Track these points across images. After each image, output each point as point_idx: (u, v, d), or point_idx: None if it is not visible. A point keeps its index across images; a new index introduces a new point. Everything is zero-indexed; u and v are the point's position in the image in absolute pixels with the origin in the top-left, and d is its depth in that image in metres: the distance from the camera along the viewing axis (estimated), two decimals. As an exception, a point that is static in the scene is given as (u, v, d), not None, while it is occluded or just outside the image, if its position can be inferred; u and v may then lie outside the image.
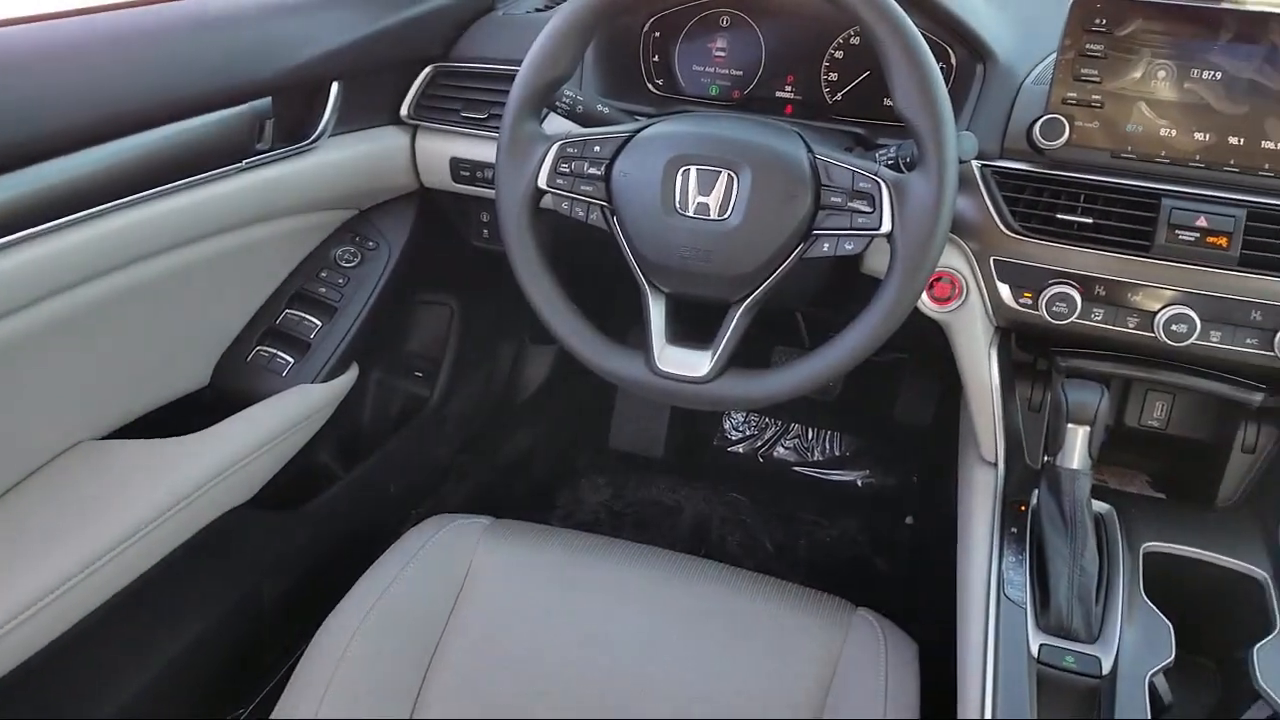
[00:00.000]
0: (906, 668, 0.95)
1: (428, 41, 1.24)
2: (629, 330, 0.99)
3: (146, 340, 1.07)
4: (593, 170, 0.94)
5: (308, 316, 1.26)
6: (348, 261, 1.29)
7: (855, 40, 1.16)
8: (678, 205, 0.91)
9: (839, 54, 1.17)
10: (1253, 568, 0.95)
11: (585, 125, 1.02)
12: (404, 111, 1.26)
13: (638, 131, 0.94)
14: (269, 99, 1.05)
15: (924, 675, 0.96)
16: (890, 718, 0.89)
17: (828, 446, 1.94)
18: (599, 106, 1.04)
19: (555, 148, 0.94)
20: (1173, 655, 0.86)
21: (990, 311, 1.02)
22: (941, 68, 1.10)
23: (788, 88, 1.21)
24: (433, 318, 1.55)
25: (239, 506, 1.17)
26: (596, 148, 0.94)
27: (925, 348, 1.11)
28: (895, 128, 0.86)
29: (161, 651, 1.12)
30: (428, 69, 1.25)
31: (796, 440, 1.96)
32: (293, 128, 1.12)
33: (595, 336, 0.97)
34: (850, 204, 0.88)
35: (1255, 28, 0.90)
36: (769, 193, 0.89)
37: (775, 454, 1.96)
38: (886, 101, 1.13)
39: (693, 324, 0.98)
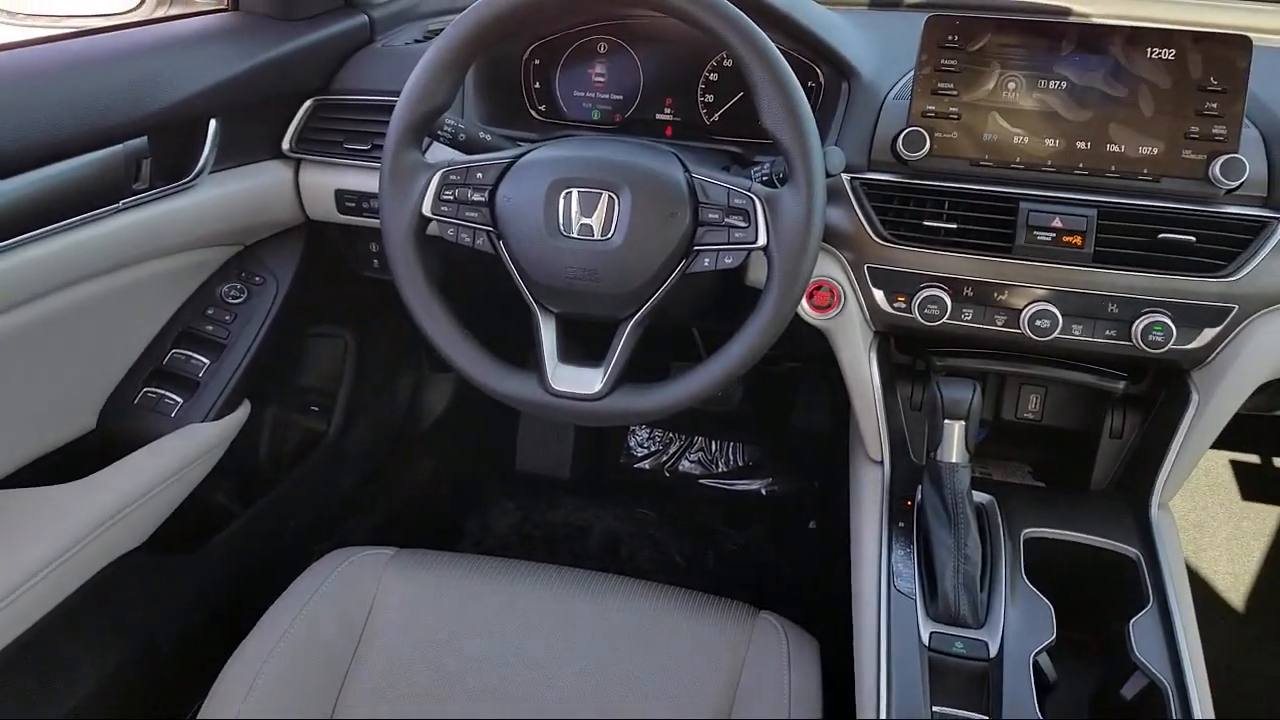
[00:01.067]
0: (808, 665, 0.98)
1: (307, 75, 1.24)
2: (528, 352, 1.00)
3: (28, 387, 1.04)
4: (476, 196, 0.95)
5: (195, 355, 1.23)
6: (234, 298, 1.27)
7: (729, 63, 1.20)
8: (561, 227, 0.93)
9: (714, 76, 1.21)
10: (1126, 547, 1.01)
11: (468, 153, 1.03)
12: (286, 145, 1.25)
13: (519, 157, 0.96)
14: (145, 138, 1.03)
15: (827, 670, 0.99)
16: (794, 715, 0.92)
17: (731, 457, 1.98)
18: (481, 134, 1.05)
19: (438, 176, 0.95)
20: (1054, 634, 0.90)
21: (868, 317, 1.06)
22: (811, 86, 1.16)
23: (667, 110, 1.24)
24: (327, 350, 1.53)
25: (131, 551, 1.13)
26: (479, 174, 0.95)
27: (817, 356, 1.14)
28: (770, 145, 0.90)
29: (58, 703, 1.08)
30: (308, 102, 1.24)
31: (701, 453, 1.99)
32: (172, 166, 1.10)
33: (488, 360, 0.98)
34: (727, 220, 0.91)
35: (1096, 40, 0.97)
36: (649, 212, 0.91)
37: (681, 468, 1.98)
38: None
39: (584, 343, 1.00)
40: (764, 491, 1.94)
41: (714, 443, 2.00)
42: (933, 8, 1.27)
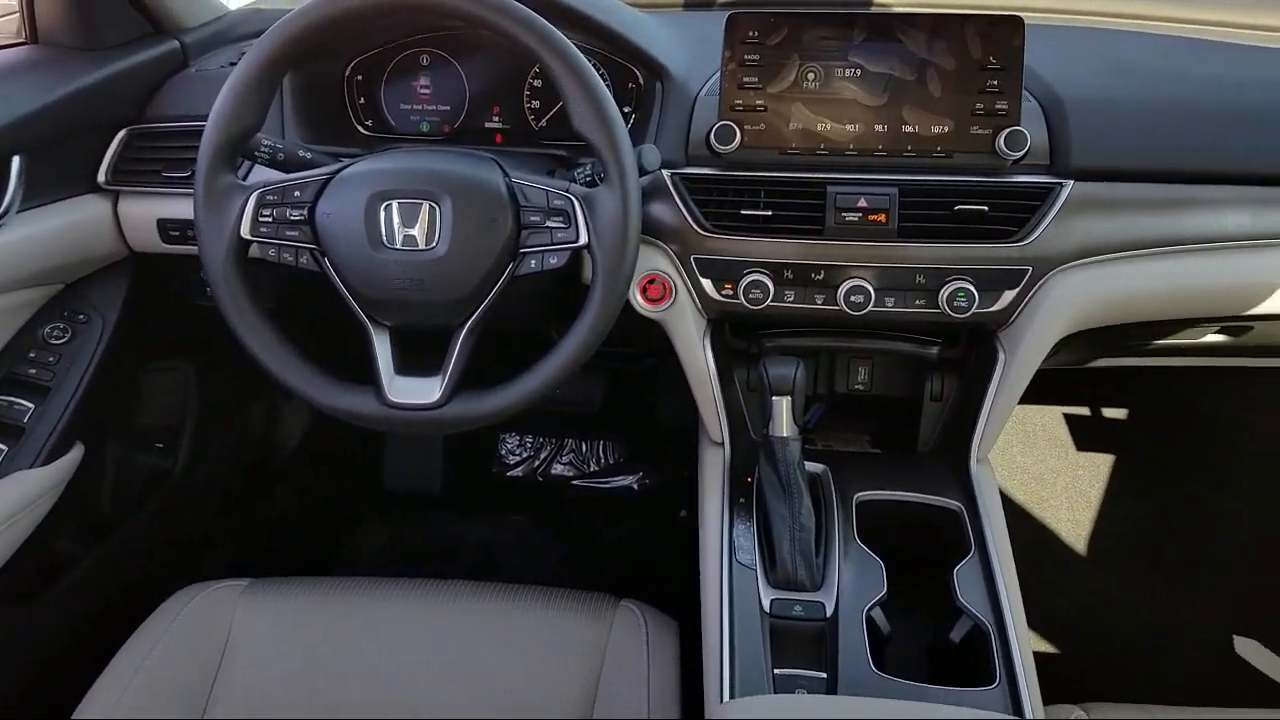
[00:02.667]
0: (667, 646, 1.01)
1: (117, 105, 1.20)
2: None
3: None
4: (295, 215, 0.95)
5: (18, 400, 1.18)
6: (57, 338, 1.22)
7: (548, 69, 1.22)
8: (384, 239, 0.93)
9: (538, 83, 1.23)
10: (949, 501, 1.07)
11: (288, 172, 1.02)
12: (102, 178, 1.21)
13: (337, 172, 0.96)
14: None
15: (689, 649, 1.02)
16: (653, 695, 0.95)
17: (602, 456, 2.01)
18: (300, 152, 1.05)
19: (254, 197, 0.94)
20: (885, 589, 0.96)
21: (699, 306, 1.10)
22: (631, 88, 1.20)
23: (495, 118, 1.26)
24: (168, 384, 1.49)
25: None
26: (296, 192, 0.95)
27: (672, 350, 1.18)
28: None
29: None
30: (122, 132, 1.21)
31: (572, 455, 2.01)
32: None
33: (323, 378, 0.97)
34: (548, 222, 0.93)
35: (884, 28, 1.03)
36: (471, 219, 0.93)
37: (553, 471, 2.00)
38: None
39: (422, 353, 1.00)
40: (636, 486, 1.97)
41: (584, 444, 2.02)
42: (744, 6, 1.32)
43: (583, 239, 0.92)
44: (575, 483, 1.99)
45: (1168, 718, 0.97)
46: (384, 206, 0.93)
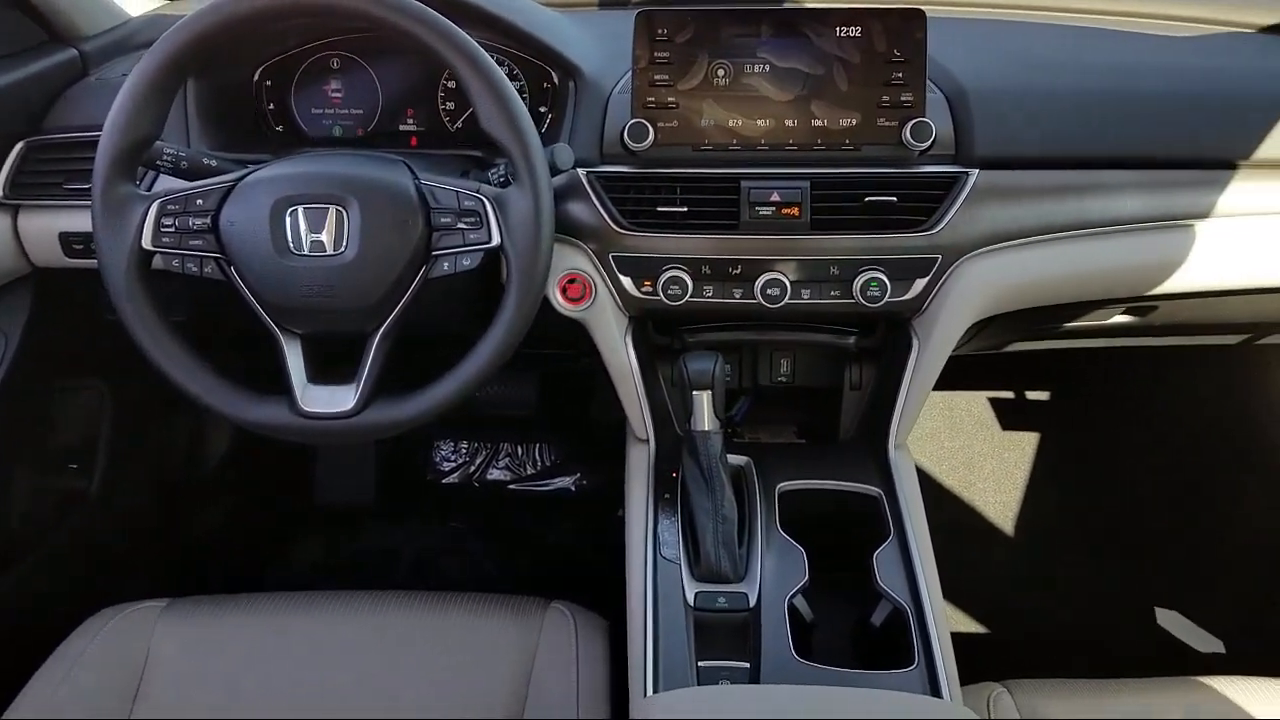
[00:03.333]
0: (596, 645, 1.01)
1: (12, 116, 1.16)
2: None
3: None
4: (198, 224, 0.93)
5: (-82, 425, 1.13)
6: (-42, 360, 1.18)
7: (460, 69, 1.22)
8: (291, 246, 0.92)
9: (451, 84, 1.22)
10: (868, 487, 1.09)
11: (193, 180, 1.00)
12: (-1, 192, 1.17)
13: (240, 179, 0.94)
14: None
15: (619, 646, 1.02)
16: (582, 695, 0.95)
17: (539, 459, 2.00)
18: (205, 160, 1.03)
19: (155, 207, 0.92)
20: (807, 577, 0.97)
21: (620, 304, 1.11)
22: (546, 88, 1.20)
23: (409, 121, 1.25)
24: (80, 403, 1.44)
25: None
26: (199, 200, 0.93)
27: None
28: None
29: None
30: (19, 145, 1.17)
31: (509, 459, 2.00)
32: None
33: (233, 390, 0.95)
34: (460, 223, 0.93)
35: (789, 23, 1.04)
36: (380, 222, 0.92)
37: (490, 476, 1.99)
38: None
39: (336, 360, 0.99)
40: (574, 488, 1.97)
41: (520, 447, 2.01)
42: (657, 4, 1.32)
43: (495, 239, 0.92)
44: (512, 487, 1.98)
45: (1088, 691, 0.99)
46: (289, 212, 0.92)
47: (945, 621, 0.95)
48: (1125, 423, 2.03)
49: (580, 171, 1.07)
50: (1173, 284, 1.14)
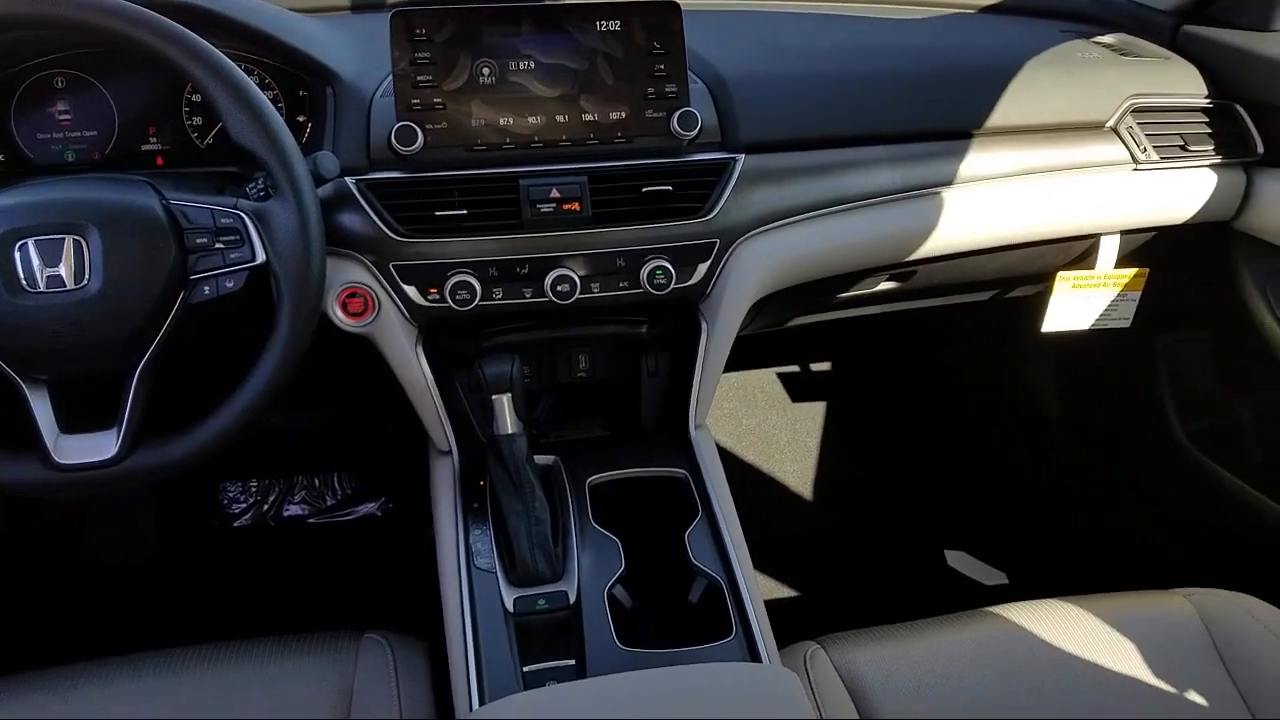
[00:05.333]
0: (417, 669, 0.97)
1: None
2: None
3: None
4: None
5: None
6: None
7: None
8: (25, 283, 0.82)
9: (196, 97, 1.14)
10: (674, 469, 1.11)
11: None
12: None
13: None
14: None
15: (442, 665, 0.99)
16: (406, 718, 0.91)
17: (338, 487, 1.90)
18: None
19: None
20: (624, 566, 0.98)
21: (406, 314, 1.07)
22: (302, 95, 1.14)
23: (153, 140, 1.15)
24: None
25: None
26: None
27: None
28: None
29: None
30: None
31: (305, 492, 1.89)
32: None
33: None
34: (218, 242, 0.87)
35: (550, 19, 1.04)
36: (125, 249, 0.84)
37: (286, 513, 1.87)
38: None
39: (92, 405, 0.90)
40: (381, 512, 1.89)
41: (317, 477, 1.91)
42: (415, 3, 1.29)
43: (259, 257, 0.86)
44: (313, 521, 1.87)
45: (895, 636, 1.06)
46: (18, 247, 0.82)
47: (758, 590, 0.99)
48: (900, 383, 2.19)
49: (348, 180, 1.02)
50: (928, 248, 1.24)
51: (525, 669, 0.89)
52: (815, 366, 2.20)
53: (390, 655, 0.98)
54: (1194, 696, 0.97)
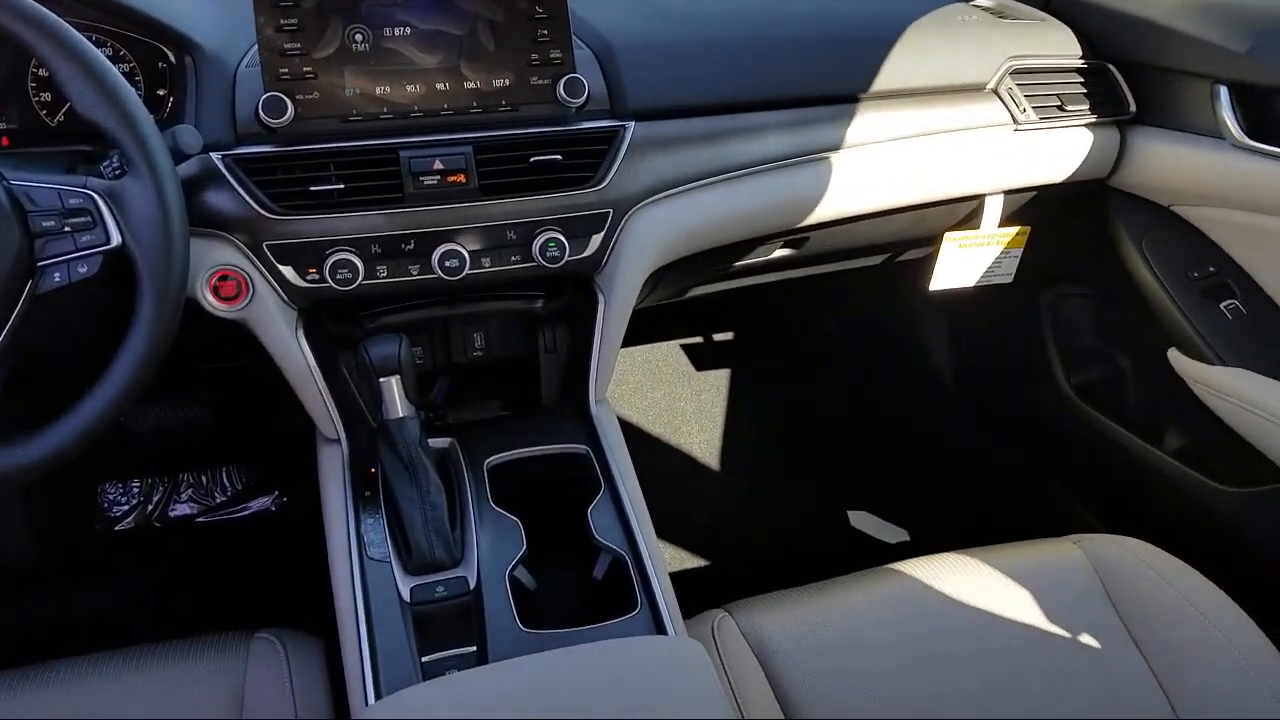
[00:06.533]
0: (311, 667, 0.93)
1: None
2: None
3: None
4: None
5: None
6: None
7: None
8: None
9: (43, 72, 1.05)
10: (575, 446, 1.09)
11: None
12: None
13: None
14: None
15: (339, 661, 0.95)
16: (301, 718, 0.87)
17: (227, 483, 1.82)
18: None
19: None
20: (525, 547, 0.95)
21: (284, 296, 1.01)
22: (163, 68, 1.06)
23: None
24: None
25: None
26: None
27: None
28: None
29: None
30: None
31: (192, 490, 1.80)
32: None
33: None
34: (67, 225, 0.80)
35: (426, -16, 0.99)
36: None
37: (173, 513, 1.78)
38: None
39: None
40: (274, 507, 1.81)
41: (204, 475, 1.82)
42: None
43: (114, 239, 0.80)
44: (201, 520, 1.78)
45: (801, 598, 1.06)
46: None
47: (663, 562, 0.97)
48: (800, 348, 2.21)
49: (214, 155, 0.96)
50: (819, 213, 1.24)
51: (425, 659, 0.86)
52: (718, 337, 2.20)
53: (283, 654, 0.94)
54: (1087, 639, 1.00)
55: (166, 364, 0.86)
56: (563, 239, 1.05)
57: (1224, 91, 1.23)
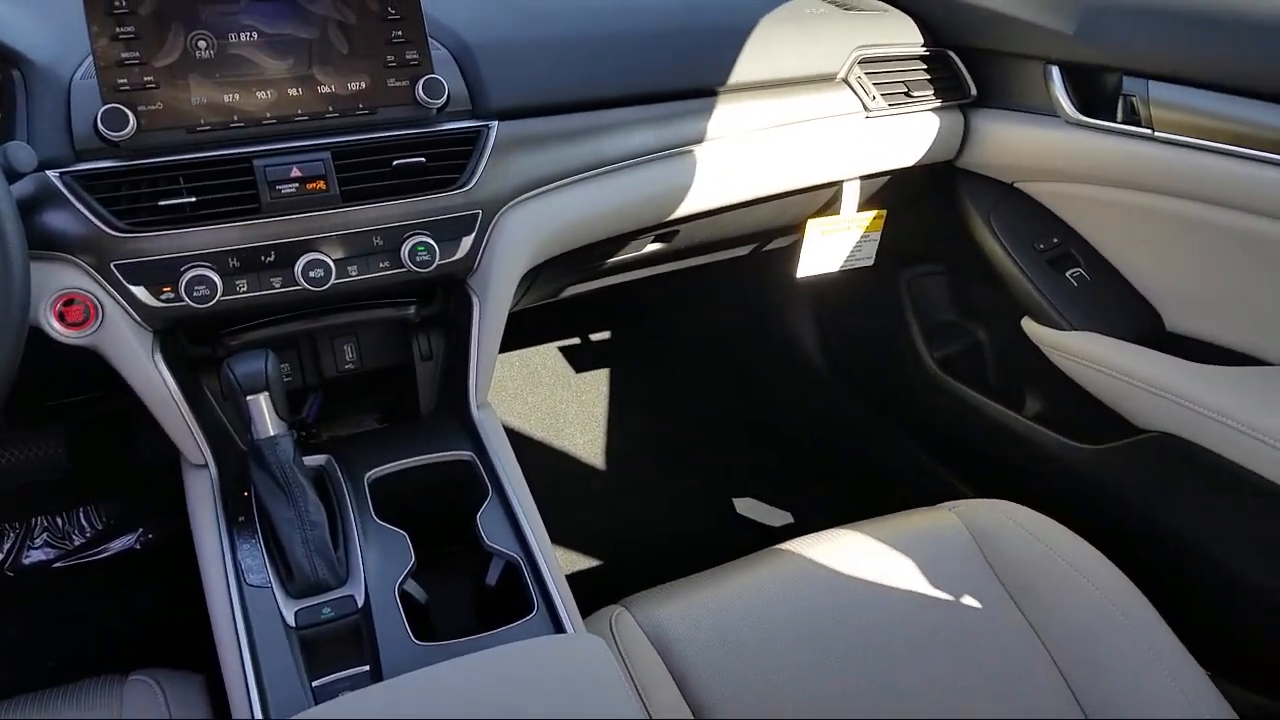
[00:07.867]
0: (192, 706, 0.89)
1: None
2: None
3: None
4: None
5: None
6: None
7: None
8: None
9: None
10: (460, 453, 1.07)
11: None
12: None
13: None
14: None
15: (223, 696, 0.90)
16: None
17: (86, 524, 1.71)
18: None
19: None
20: (413, 559, 0.93)
21: (137, 318, 0.96)
22: (-15, 82, 0.99)
23: None
24: None
25: None
26: None
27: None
28: None
29: None
30: None
31: (47, 533, 1.68)
32: None
33: None
34: None
35: (268, -13, 0.96)
36: None
37: (27, 560, 1.65)
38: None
39: None
40: (140, 544, 1.71)
41: (60, 517, 1.70)
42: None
43: None
44: (60, 565, 1.67)
45: (695, 586, 1.07)
46: None
47: (557, 563, 0.97)
48: (676, 342, 2.24)
49: (50, 174, 0.90)
50: (687, 206, 1.26)
51: (315, 683, 0.83)
52: (595, 336, 2.21)
53: (161, 695, 0.89)
54: (969, 600, 1.05)
55: (11, 400, 0.80)
56: (432, 243, 1.03)
57: (1056, 71, 1.31)
